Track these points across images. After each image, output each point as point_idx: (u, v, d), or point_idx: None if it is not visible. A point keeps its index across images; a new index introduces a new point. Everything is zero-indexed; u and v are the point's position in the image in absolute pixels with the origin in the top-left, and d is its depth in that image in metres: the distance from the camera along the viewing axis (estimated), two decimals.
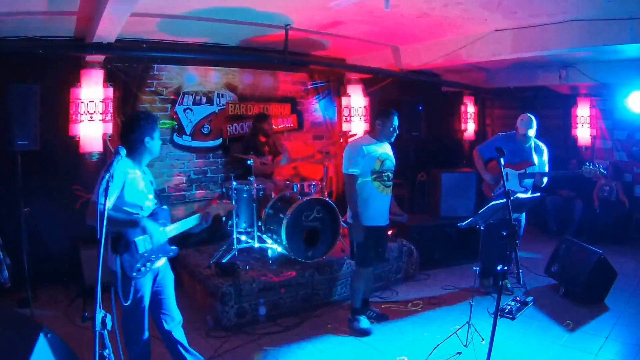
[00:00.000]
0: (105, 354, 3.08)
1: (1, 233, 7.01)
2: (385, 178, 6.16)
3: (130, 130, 4.34)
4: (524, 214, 6.95)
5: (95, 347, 2.98)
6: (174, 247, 4.55)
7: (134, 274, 4.22)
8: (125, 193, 4.17)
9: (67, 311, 6.65)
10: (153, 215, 4.41)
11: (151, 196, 4.46)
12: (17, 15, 6.17)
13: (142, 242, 4.26)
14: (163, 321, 4.63)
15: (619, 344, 5.58)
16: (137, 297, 4.32)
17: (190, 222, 4.63)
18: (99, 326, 3.01)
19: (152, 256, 4.35)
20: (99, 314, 3.02)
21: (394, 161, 6.29)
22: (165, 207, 4.62)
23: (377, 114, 6.41)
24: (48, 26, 6.82)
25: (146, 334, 4.50)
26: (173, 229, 4.52)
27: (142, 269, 4.27)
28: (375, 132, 6.26)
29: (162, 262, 4.54)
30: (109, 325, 3.03)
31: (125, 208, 4.20)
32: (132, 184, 4.24)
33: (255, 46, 8.67)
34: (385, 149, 6.24)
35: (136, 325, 4.43)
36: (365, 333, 6.15)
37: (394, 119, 6.20)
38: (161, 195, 8.53)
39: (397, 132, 6.28)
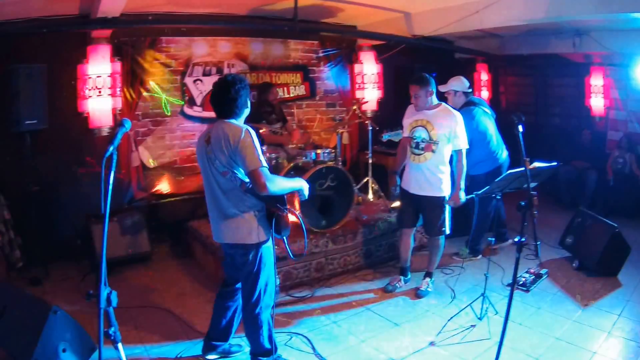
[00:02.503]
0: (110, 332, 3.06)
1: (12, 212, 7.06)
2: (414, 145, 6.20)
3: (238, 93, 4.33)
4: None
5: (100, 325, 2.96)
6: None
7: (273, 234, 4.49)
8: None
9: (80, 287, 6.68)
10: None
11: None
12: None
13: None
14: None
15: (632, 322, 5.52)
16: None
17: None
18: (103, 303, 2.99)
19: None
20: (104, 291, 2.99)
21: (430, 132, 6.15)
22: None
23: None
24: (51, 6, 6.75)
25: None
26: None
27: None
28: None
29: None
30: (114, 303, 3.01)
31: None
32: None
33: (264, 15, 8.56)
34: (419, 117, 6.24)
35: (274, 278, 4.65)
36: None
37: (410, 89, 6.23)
38: (172, 167, 8.61)
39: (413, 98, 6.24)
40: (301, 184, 4.53)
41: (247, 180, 4.20)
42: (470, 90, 7.39)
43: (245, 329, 4.70)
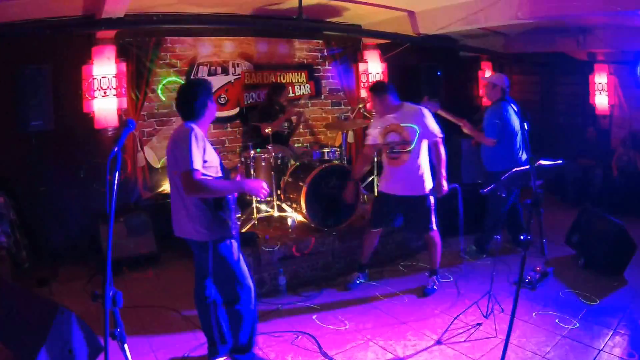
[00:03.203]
0: (116, 333, 3.08)
1: (19, 213, 7.09)
2: (389, 151, 6.27)
3: (194, 96, 4.38)
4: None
5: (106, 326, 2.97)
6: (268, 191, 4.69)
7: (234, 231, 4.45)
8: (206, 155, 4.20)
9: (87, 287, 6.71)
10: (225, 177, 4.50)
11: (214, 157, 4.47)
12: None
13: (231, 200, 4.48)
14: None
15: (638, 320, 5.52)
16: (238, 252, 4.56)
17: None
18: (109, 304, 3.00)
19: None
20: (110, 291, 3.00)
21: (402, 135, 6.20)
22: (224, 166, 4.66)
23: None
24: (55, 7, 6.77)
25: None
26: None
27: (234, 225, 4.51)
28: None
29: None
30: (120, 303, 3.02)
31: (207, 171, 4.23)
32: (208, 147, 4.29)
33: (269, 14, 8.56)
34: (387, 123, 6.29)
35: (245, 275, 4.65)
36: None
37: None
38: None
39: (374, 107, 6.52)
40: (244, 186, 4.53)
41: None
42: (508, 89, 7.37)
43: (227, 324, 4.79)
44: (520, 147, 7.27)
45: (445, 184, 6.22)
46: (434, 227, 6.44)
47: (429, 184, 6.28)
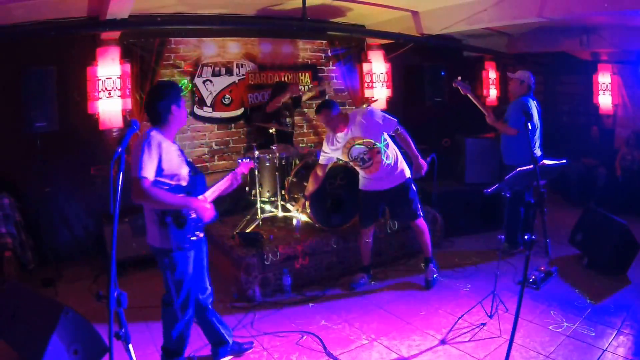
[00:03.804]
0: (121, 333, 3.10)
1: (24, 214, 7.12)
2: (361, 164, 6.36)
3: (156, 99, 4.28)
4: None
5: (110, 326, 2.99)
6: (214, 213, 4.56)
7: (187, 244, 4.32)
8: (163, 164, 4.14)
9: (92, 288, 6.74)
10: (191, 185, 4.41)
11: (185, 165, 4.42)
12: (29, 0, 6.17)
13: (190, 213, 4.33)
14: (199, 291, 4.72)
15: None
16: (186, 268, 4.42)
17: (223, 184, 4.71)
18: (114, 305, 3.01)
19: (199, 224, 4.45)
20: (115, 292, 3.02)
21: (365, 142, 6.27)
22: (200, 174, 4.61)
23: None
24: (60, 8, 6.79)
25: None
26: (210, 194, 4.58)
27: (193, 238, 4.36)
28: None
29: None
30: (124, 304, 3.04)
31: (165, 179, 4.18)
32: (168, 154, 4.20)
33: (273, 15, 8.57)
34: (347, 139, 6.33)
35: (188, 297, 4.51)
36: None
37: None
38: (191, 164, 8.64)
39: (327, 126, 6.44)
40: (190, 204, 4.31)
41: None
42: (533, 86, 7.44)
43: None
44: (535, 144, 7.29)
45: (422, 162, 6.34)
46: (421, 214, 6.56)
47: (407, 170, 6.42)
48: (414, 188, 6.48)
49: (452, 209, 8.49)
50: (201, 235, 4.54)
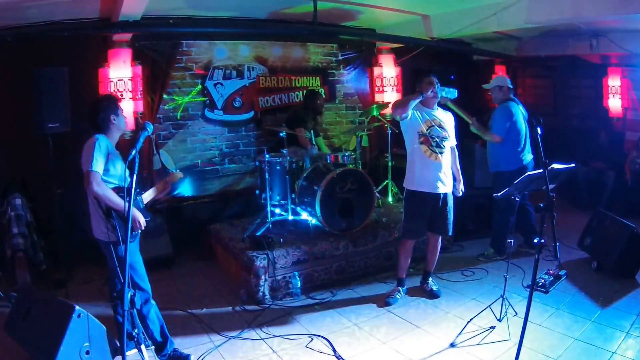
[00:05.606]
0: (134, 334, 3.13)
1: (36, 215, 7.15)
2: (434, 144, 6.08)
3: (96, 112, 4.76)
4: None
5: (123, 327, 3.02)
6: (148, 214, 4.95)
7: (130, 239, 4.42)
8: (108, 164, 4.59)
9: (103, 290, 6.75)
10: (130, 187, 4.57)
11: (125, 167, 4.57)
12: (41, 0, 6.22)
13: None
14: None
15: None
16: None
17: (158, 190, 5.14)
18: (127, 305, 3.05)
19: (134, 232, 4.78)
20: (128, 292, 3.06)
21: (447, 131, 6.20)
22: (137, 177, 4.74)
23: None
24: (72, 9, 6.83)
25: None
26: (146, 196, 5.04)
27: (134, 233, 4.77)
28: None
29: None
30: (138, 304, 3.08)
31: (109, 179, 4.61)
32: (112, 155, 4.67)
33: (284, 18, 8.61)
34: (432, 117, 6.17)
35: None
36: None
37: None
38: (193, 170, 8.67)
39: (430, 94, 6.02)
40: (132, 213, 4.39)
41: None
42: (512, 87, 7.43)
43: None
44: (524, 148, 7.30)
45: (462, 185, 6.43)
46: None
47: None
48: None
49: (462, 213, 8.47)
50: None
